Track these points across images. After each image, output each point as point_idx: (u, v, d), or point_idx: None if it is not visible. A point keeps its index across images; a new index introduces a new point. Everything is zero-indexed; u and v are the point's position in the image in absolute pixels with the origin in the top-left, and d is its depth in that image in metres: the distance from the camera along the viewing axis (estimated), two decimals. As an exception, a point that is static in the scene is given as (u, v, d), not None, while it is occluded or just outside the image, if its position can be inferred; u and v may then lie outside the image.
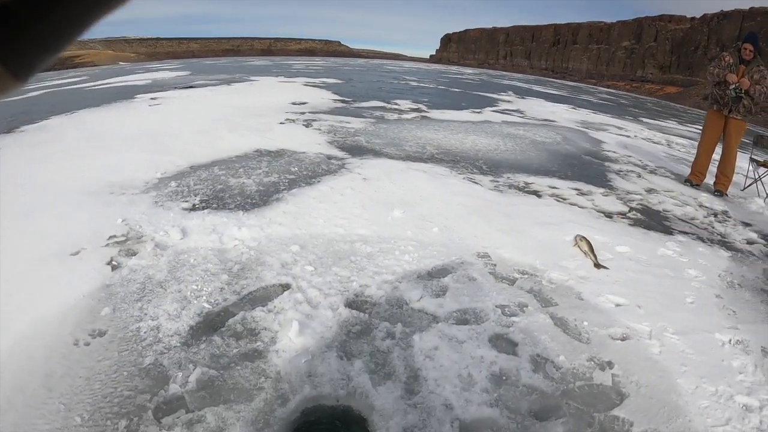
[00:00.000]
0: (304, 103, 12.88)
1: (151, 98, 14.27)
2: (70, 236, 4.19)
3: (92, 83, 23.49)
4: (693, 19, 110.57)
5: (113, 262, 3.77)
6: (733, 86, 7.29)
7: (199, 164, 6.36)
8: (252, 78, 22.31)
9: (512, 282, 3.83)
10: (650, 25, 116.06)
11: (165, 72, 27.54)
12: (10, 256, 3.83)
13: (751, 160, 8.59)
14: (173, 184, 5.57)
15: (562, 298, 3.67)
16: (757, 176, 8.43)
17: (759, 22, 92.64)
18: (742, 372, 3.20)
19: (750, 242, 5.85)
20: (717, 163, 8.00)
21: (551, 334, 3.20)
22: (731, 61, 7.48)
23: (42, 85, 26.06)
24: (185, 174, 5.97)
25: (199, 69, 30.48)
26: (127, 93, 16.14)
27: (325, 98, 14.52)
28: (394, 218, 4.85)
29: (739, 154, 8.15)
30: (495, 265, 4.07)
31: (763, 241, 5.97)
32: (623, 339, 3.27)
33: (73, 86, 22.86)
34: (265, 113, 10.72)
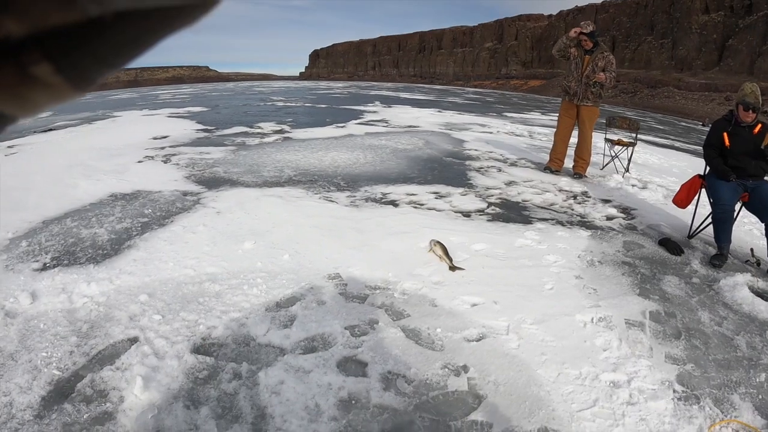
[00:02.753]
0: (165, 137, 12.45)
1: (8, 147, 13.39)
2: None
3: (-60, 134, 21.76)
4: (550, 16, 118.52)
5: (-36, 339, 3.52)
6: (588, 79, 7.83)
7: (52, 218, 5.99)
8: (115, 113, 21.46)
9: (363, 300, 3.76)
10: (510, 25, 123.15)
11: (24, 114, 25.82)
12: None
13: (606, 140, 9.16)
14: (24, 243, 5.20)
15: (414, 308, 3.64)
16: (613, 154, 9.00)
17: (611, 13, 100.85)
18: (607, 349, 3.31)
19: (609, 218, 6.18)
20: (575, 147, 8.41)
21: (402, 347, 3.15)
22: (576, 53, 7.93)
23: None
24: (37, 231, 5.59)
25: (60, 108, 28.90)
26: (-19, 143, 15.10)
27: (187, 129, 14.13)
28: (245, 251, 4.68)
29: (597, 135, 8.61)
30: (346, 284, 3.99)
31: (621, 214, 6.33)
32: (479, 339, 3.28)
33: None
34: (123, 152, 10.24)
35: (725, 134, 5.25)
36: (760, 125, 5.14)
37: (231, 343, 3.23)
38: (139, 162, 9.12)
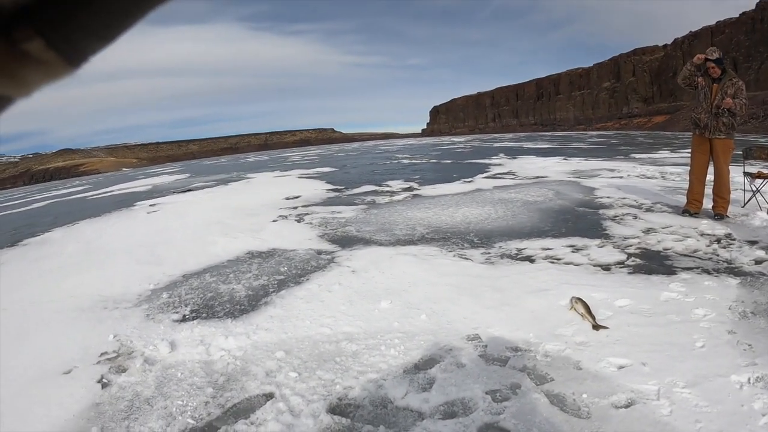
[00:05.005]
0: (297, 197, 13.18)
1: (150, 205, 14.93)
2: (63, 355, 4.37)
3: (95, 192, 25.32)
4: (665, 46, 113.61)
5: (103, 380, 3.85)
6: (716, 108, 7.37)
7: (192, 272, 6.48)
8: (249, 175, 23.07)
9: (504, 362, 3.62)
10: (626, 62, 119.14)
11: (165, 176, 28.65)
12: (3, 377, 4.02)
13: (745, 174, 8.46)
14: (165, 295, 5.69)
15: (558, 372, 3.45)
16: (754, 188, 8.27)
17: (728, 34, 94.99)
18: (766, 413, 2.94)
19: (758, 261, 5.63)
20: (712, 185, 7.83)
21: (547, 414, 2.98)
22: (704, 83, 7.49)
23: (47, 195, 27.18)
24: (177, 284, 6.09)
25: (197, 170, 31.60)
26: (128, 201, 17.10)
27: (318, 189, 14.84)
28: (381, 310, 4.72)
29: (733, 169, 8.00)
30: (486, 346, 3.88)
31: (771, 257, 5.77)
32: (628, 405, 3.04)
33: (77, 195, 24.15)
34: (258, 212, 10.92)
35: None
36: None
37: (368, 405, 3.21)
38: (273, 221, 9.63)
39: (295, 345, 4.10)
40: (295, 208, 11.20)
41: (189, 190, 18.55)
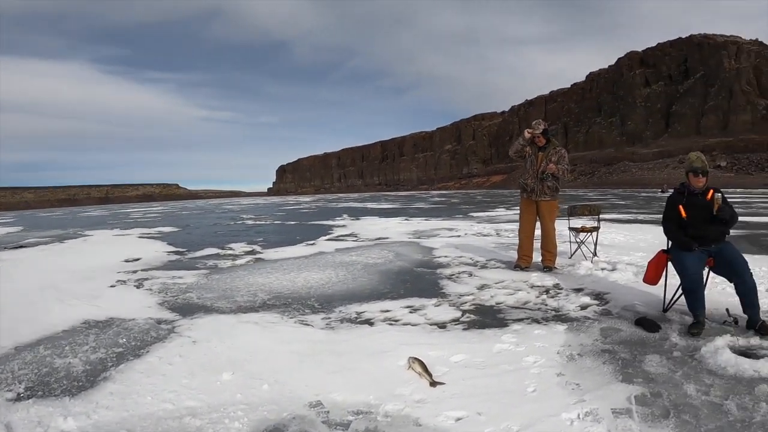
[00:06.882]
0: (137, 260, 12.61)
1: None
2: None
3: None
4: (503, 112, 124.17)
5: (-67, 471, 3.37)
6: (542, 173, 8.26)
7: (24, 344, 5.87)
8: (87, 233, 21.74)
9: (346, 426, 3.68)
10: (467, 126, 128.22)
11: (-5, 228, 25.87)
12: None
13: (570, 229, 9.40)
14: None
15: (398, 430, 3.57)
16: (578, 241, 9.21)
17: (560, 102, 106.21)
18: (597, 444, 3.26)
19: (583, 307, 6.30)
20: (541, 241, 8.63)
21: (390, 472, 3.09)
22: (530, 151, 8.35)
23: None
24: (9, 357, 5.47)
25: (32, 223, 29.26)
26: (-52, 255, 15.15)
27: (159, 251, 14.36)
28: (223, 382, 4.59)
29: (560, 224, 8.86)
30: (328, 412, 3.92)
31: (595, 301, 6.48)
32: (466, 454, 3.23)
33: None
34: (95, 276, 10.24)
35: (681, 206, 5.50)
36: (711, 191, 5.39)
37: (216, 482, 3.13)
38: (111, 286, 9.15)
39: (138, 423, 3.89)
40: (135, 272, 10.70)
41: (21, 246, 17.09)
